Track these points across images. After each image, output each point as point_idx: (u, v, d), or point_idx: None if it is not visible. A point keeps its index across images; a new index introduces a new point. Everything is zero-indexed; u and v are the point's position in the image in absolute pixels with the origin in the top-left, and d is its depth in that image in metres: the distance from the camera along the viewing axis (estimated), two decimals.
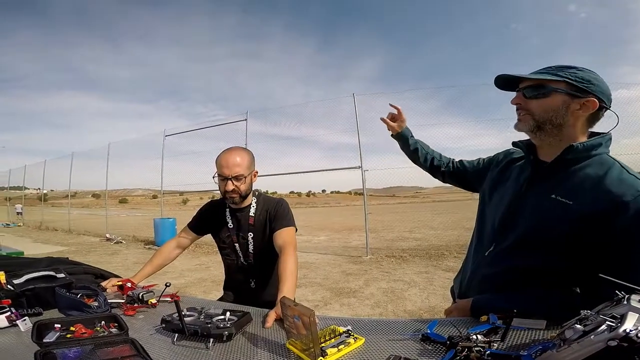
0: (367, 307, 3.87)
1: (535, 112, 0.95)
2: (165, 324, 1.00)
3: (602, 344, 0.51)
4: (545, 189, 0.94)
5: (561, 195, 0.90)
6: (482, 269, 1.07)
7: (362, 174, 7.15)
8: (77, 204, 25.08)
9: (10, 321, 1.04)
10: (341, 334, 0.89)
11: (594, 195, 0.85)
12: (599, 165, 0.89)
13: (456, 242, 7.38)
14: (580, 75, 0.90)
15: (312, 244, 9.21)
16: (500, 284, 1.00)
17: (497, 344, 0.73)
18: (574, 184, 0.90)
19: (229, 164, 1.47)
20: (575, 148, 0.91)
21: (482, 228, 1.14)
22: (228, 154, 1.50)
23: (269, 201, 1.64)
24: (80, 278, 1.46)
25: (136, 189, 22.75)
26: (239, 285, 1.68)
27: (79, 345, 0.85)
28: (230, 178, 1.47)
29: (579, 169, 0.91)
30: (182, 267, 6.11)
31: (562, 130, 0.94)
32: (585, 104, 0.90)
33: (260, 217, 1.60)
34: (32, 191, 23.16)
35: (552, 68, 0.95)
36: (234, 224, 1.62)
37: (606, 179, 0.85)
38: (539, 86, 0.94)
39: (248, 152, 1.57)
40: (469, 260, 1.17)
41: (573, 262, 0.89)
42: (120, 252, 8.34)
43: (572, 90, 0.90)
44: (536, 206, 0.95)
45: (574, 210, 0.86)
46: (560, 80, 0.91)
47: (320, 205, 53.24)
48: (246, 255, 1.62)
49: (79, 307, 1.13)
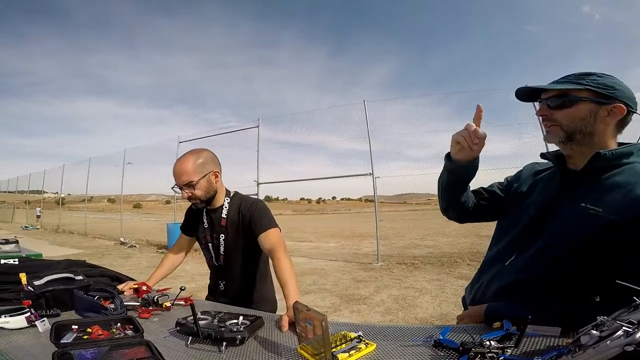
0: (378, 314, 3.83)
1: (563, 122, 0.93)
2: (179, 327, 1.02)
3: (619, 349, 0.51)
4: (575, 198, 0.92)
5: (591, 203, 0.88)
6: (500, 279, 1.04)
7: (373, 180, 7.14)
8: (93, 208, 25.62)
9: (29, 322, 1.07)
10: (352, 339, 0.89)
11: (625, 203, 0.83)
12: (632, 173, 0.87)
13: (469, 250, 7.26)
14: (601, 81, 0.89)
15: (322, 250, 9.19)
16: (518, 293, 0.98)
17: (510, 350, 0.72)
18: (604, 192, 0.88)
19: (175, 174, 1.46)
20: (603, 155, 0.89)
21: (501, 239, 1.11)
22: (176, 163, 1.47)
23: (244, 202, 1.58)
24: (97, 280, 1.49)
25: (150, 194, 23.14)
26: (214, 286, 1.67)
27: (96, 346, 0.87)
28: (182, 187, 1.46)
29: (609, 177, 0.89)
30: (193, 271, 6.16)
31: (593, 139, 0.92)
32: (612, 110, 0.89)
33: (234, 218, 1.56)
34: (50, 195, 23.76)
35: (572, 76, 0.94)
36: (209, 223, 1.62)
37: (638, 187, 0.83)
38: (562, 95, 0.93)
39: (199, 154, 1.49)
40: (484, 270, 1.14)
41: (596, 272, 0.86)
42: (134, 256, 8.47)
43: (597, 98, 0.89)
44: (564, 215, 0.93)
45: (603, 218, 0.84)
46: (583, 89, 0.90)
47: (330, 212, 53.13)
48: (217, 256, 1.61)
49: (96, 309, 1.16)
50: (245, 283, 1.60)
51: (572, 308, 0.87)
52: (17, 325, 1.05)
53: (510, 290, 1.00)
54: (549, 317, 0.84)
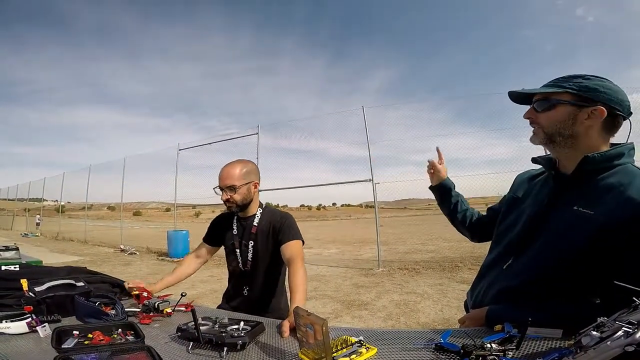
0: (379, 320, 3.81)
1: (544, 125, 0.96)
2: (180, 332, 1.02)
3: (619, 349, 0.51)
4: (567, 201, 0.93)
5: (583, 206, 0.88)
6: (498, 282, 1.05)
7: (373, 186, 7.13)
8: (93, 216, 25.60)
9: (30, 327, 1.06)
10: (353, 344, 0.89)
11: (616, 204, 0.83)
12: (623, 174, 0.88)
13: (471, 254, 7.23)
14: (585, 84, 0.90)
15: (322, 256, 9.16)
16: (517, 296, 0.98)
17: (512, 353, 0.72)
18: (596, 194, 0.88)
19: (222, 176, 1.59)
20: (591, 159, 0.90)
21: (499, 243, 1.13)
22: (224, 167, 1.61)
23: (275, 214, 1.69)
24: (98, 287, 1.49)
25: (150, 202, 23.16)
26: (235, 291, 1.72)
27: (97, 351, 0.87)
28: (224, 188, 1.57)
29: (601, 179, 0.90)
30: (194, 278, 6.12)
31: (577, 142, 0.93)
32: (593, 112, 0.89)
33: (264, 227, 1.66)
34: (50, 203, 23.76)
35: (560, 79, 0.96)
36: (239, 230, 1.70)
37: (630, 187, 0.84)
38: (546, 98, 0.95)
39: (245, 164, 1.64)
40: (483, 274, 1.15)
41: (592, 273, 0.87)
42: (134, 263, 8.45)
43: (576, 101, 0.90)
44: (558, 219, 0.94)
45: (596, 220, 0.85)
46: (563, 92, 0.92)
47: (330, 219, 53.06)
48: (245, 262, 1.67)
49: (97, 314, 1.16)
50: (268, 290, 1.67)
51: (571, 309, 0.87)
52: (18, 330, 1.05)
53: (509, 293, 1.01)
54: (548, 318, 0.84)
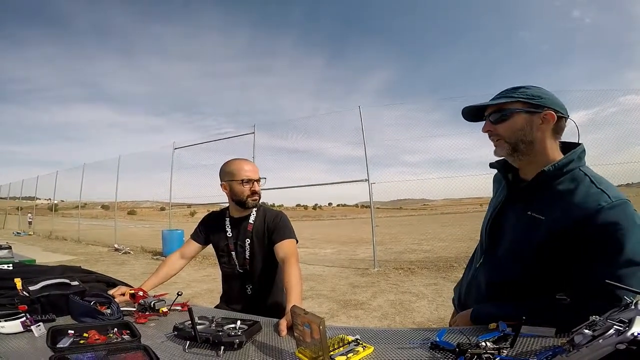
0: (375, 319, 3.83)
1: (505, 135, 1.00)
2: (177, 332, 1.02)
3: (611, 347, 0.52)
4: (522, 206, 0.99)
5: (536, 212, 0.94)
6: (476, 279, 1.12)
7: (369, 186, 7.14)
8: (87, 215, 25.38)
9: (24, 326, 1.06)
10: (350, 342, 0.90)
11: (563, 210, 0.89)
12: (571, 180, 0.93)
13: (465, 254, 7.27)
14: (529, 92, 0.96)
15: (318, 256, 9.16)
16: (490, 293, 1.05)
17: (506, 351, 0.73)
18: (547, 200, 0.94)
19: (255, 168, 1.65)
20: (547, 172, 0.94)
21: (479, 242, 1.20)
22: (248, 161, 1.67)
23: (269, 213, 1.70)
24: (93, 286, 1.48)
25: (144, 201, 22.99)
26: (236, 292, 1.70)
27: (93, 350, 0.87)
28: (256, 180, 1.62)
29: (553, 186, 0.95)
30: (189, 278, 6.12)
31: (534, 147, 0.98)
32: (545, 117, 0.95)
33: (259, 226, 1.66)
34: (43, 201, 23.51)
35: (507, 91, 1.01)
36: (233, 232, 1.68)
37: (575, 194, 0.89)
38: (500, 110, 1.00)
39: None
40: (465, 272, 1.24)
41: (552, 273, 0.91)
42: (128, 262, 8.38)
43: (528, 108, 0.95)
44: (514, 223, 1.01)
45: (546, 225, 0.90)
46: (515, 101, 0.97)
47: (326, 219, 53.09)
48: (242, 263, 1.66)
49: (92, 314, 1.16)
50: (272, 288, 1.68)
51: (538, 307, 0.90)
52: (12, 330, 1.04)
53: (483, 290, 1.07)
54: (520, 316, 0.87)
